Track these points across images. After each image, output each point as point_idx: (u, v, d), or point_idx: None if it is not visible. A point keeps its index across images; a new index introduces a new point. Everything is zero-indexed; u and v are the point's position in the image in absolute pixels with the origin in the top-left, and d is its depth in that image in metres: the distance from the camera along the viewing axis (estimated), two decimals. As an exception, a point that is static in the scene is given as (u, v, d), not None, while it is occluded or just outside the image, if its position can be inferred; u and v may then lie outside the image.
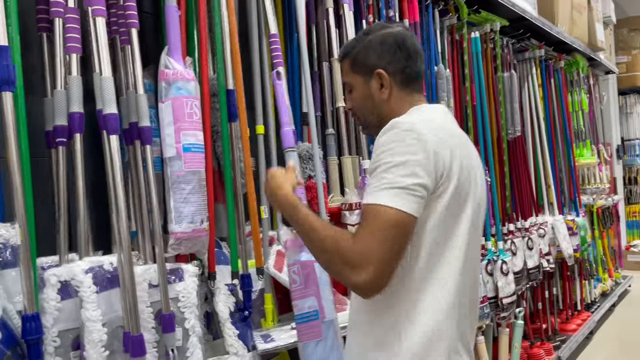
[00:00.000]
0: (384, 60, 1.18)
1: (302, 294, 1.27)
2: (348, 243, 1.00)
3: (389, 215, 0.99)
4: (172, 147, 1.40)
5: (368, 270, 0.97)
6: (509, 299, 2.77)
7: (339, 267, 1.02)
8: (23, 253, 1.08)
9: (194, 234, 1.43)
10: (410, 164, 1.01)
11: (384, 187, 1.00)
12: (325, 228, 1.06)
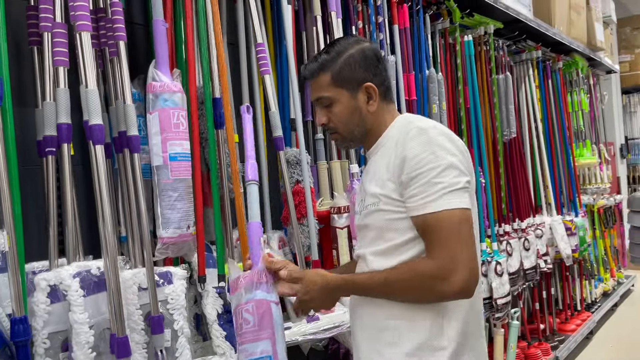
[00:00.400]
0: (370, 74, 1.22)
1: (255, 337, 1.11)
2: (427, 263, 1.06)
3: (458, 216, 1.05)
4: (159, 156, 1.45)
5: (462, 273, 1.03)
6: (503, 299, 2.79)
7: (434, 289, 1.05)
8: (10, 259, 1.14)
9: (180, 238, 1.48)
10: (456, 164, 1.08)
11: (446, 192, 1.05)
12: (391, 272, 1.10)
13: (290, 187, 1.90)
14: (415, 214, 1.09)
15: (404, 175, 1.10)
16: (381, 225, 1.17)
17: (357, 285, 1.15)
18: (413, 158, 1.09)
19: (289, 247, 2.04)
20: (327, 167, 2.10)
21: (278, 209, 2.06)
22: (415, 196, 1.08)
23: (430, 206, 1.06)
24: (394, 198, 1.13)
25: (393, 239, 1.15)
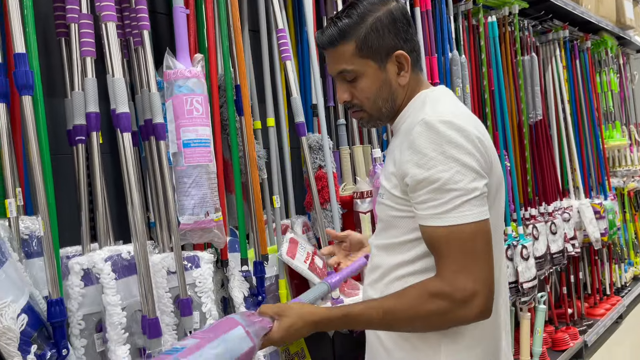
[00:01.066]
0: (400, 40, 1.05)
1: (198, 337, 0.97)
2: (440, 286, 0.91)
3: (474, 230, 0.91)
4: (174, 143, 1.47)
5: (481, 295, 0.91)
6: (529, 283, 2.77)
7: (449, 316, 0.92)
8: (45, 243, 1.18)
9: (196, 225, 1.49)
10: (471, 165, 0.92)
11: (460, 202, 0.91)
12: (393, 300, 0.96)
13: (313, 172, 1.91)
14: (424, 223, 0.95)
15: (410, 177, 0.95)
16: (386, 219, 1.07)
17: (349, 321, 1.00)
18: (420, 159, 0.93)
19: (312, 232, 2.06)
20: (349, 152, 2.10)
21: (301, 195, 2.08)
22: (424, 203, 0.94)
23: (442, 218, 0.92)
24: (396, 195, 1.01)
25: (395, 236, 1.05)
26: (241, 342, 0.94)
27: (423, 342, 1.01)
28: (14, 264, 1.16)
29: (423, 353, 1.02)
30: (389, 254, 1.06)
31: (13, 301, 1.09)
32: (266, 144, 1.90)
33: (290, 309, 1.00)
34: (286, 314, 0.99)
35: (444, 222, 0.92)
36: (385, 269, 1.07)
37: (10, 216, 1.21)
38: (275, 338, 0.98)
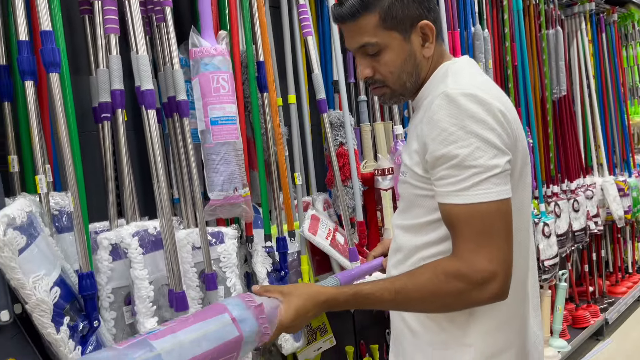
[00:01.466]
0: (424, 9, 1.00)
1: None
2: (457, 266, 0.88)
3: (494, 209, 0.87)
4: (202, 121, 1.49)
5: (498, 277, 0.87)
6: (551, 261, 2.76)
7: (465, 297, 0.89)
8: (75, 218, 1.21)
9: (226, 201, 1.51)
10: (493, 141, 0.88)
11: (480, 179, 0.87)
12: (406, 280, 0.92)
13: (334, 149, 1.91)
14: (441, 201, 0.92)
15: (428, 154, 0.92)
16: (409, 199, 1.03)
17: (359, 300, 0.95)
18: (439, 134, 0.90)
19: (333, 209, 2.07)
20: (370, 129, 2.09)
21: (322, 172, 2.08)
22: (442, 180, 0.91)
23: (460, 196, 0.88)
24: (419, 173, 0.98)
25: (419, 216, 1.01)
26: (225, 329, 0.86)
27: (451, 323, 1.00)
28: (46, 239, 1.19)
29: (450, 334, 1.00)
30: (412, 235, 1.04)
31: (46, 274, 1.12)
32: (287, 121, 1.90)
33: (297, 288, 0.96)
34: (294, 294, 0.94)
35: (462, 200, 0.89)
36: (409, 250, 1.05)
37: (41, 192, 1.23)
38: (285, 322, 0.92)
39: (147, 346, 0.77)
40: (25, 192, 1.25)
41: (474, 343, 0.99)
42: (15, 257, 1.04)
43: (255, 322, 0.88)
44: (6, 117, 1.29)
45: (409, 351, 1.08)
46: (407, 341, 1.08)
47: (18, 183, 1.29)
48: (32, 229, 1.13)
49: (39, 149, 1.25)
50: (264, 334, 0.89)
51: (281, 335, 1.65)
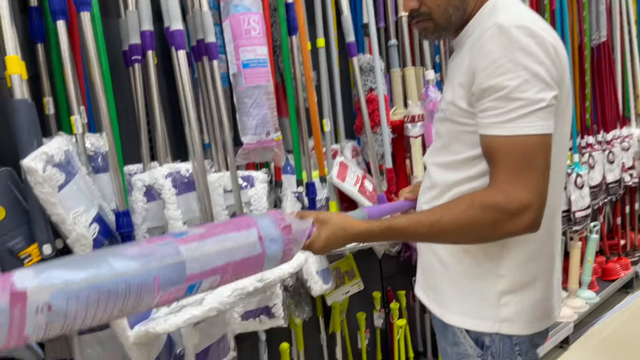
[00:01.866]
0: None
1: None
2: (494, 195, 0.89)
3: (535, 143, 0.88)
4: (234, 64, 1.48)
5: (533, 208, 0.88)
6: (582, 212, 2.71)
7: (499, 226, 0.90)
8: (111, 158, 1.23)
9: (259, 145, 1.52)
10: (542, 75, 0.88)
11: (525, 112, 0.87)
12: (442, 210, 0.93)
13: (364, 95, 1.89)
14: (484, 132, 0.92)
15: (475, 85, 0.92)
16: (449, 136, 1.03)
17: (393, 233, 0.97)
18: (489, 65, 0.89)
19: (362, 157, 2.06)
20: (400, 74, 2.05)
21: (350, 119, 2.06)
22: (487, 111, 0.91)
23: (503, 127, 0.88)
24: (463, 108, 0.97)
25: (458, 152, 1.01)
26: (251, 246, 0.86)
27: (485, 255, 1.01)
28: (84, 177, 1.22)
29: (484, 266, 1.02)
30: (450, 171, 1.04)
31: (85, 211, 1.16)
32: (315, 66, 1.88)
33: (332, 217, 0.97)
34: (328, 222, 0.96)
35: (505, 131, 0.89)
36: (445, 187, 1.05)
37: (77, 132, 1.26)
38: (316, 247, 0.95)
39: (174, 250, 0.78)
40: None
41: (507, 273, 1.01)
42: (55, 192, 1.07)
43: (281, 242, 0.89)
44: (39, 59, 1.30)
45: (440, 283, 1.09)
46: (438, 274, 1.09)
47: (54, 124, 1.32)
48: (70, 167, 1.16)
49: (73, 90, 1.27)
50: (286, 254, 0.91)
51: (311, 277, 1.68)
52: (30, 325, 0.64)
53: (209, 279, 0.82)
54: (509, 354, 1.02)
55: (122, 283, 0.70)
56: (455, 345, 1.06)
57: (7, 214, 1.10)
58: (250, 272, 0.89)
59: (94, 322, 0.69)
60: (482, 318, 1.02)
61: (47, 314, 0.65)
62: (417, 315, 2.38)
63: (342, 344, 2.04)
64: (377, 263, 2.26)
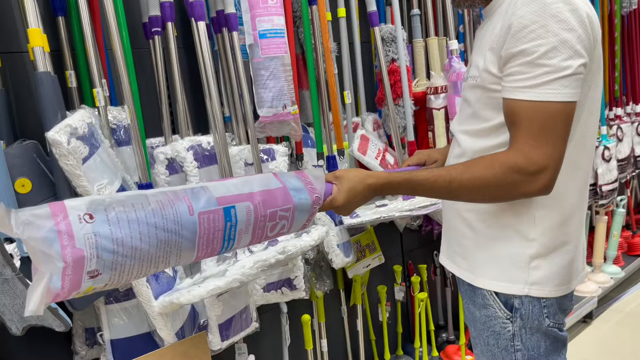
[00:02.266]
0: None
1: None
2: (514, 157, 0.91)
3: (558, 110, 0.89)
4: (250, 34, 1.46)
5: (549, 171, 0.90)
6: (609, 186, 2.65)
7: (515, 186, 0.92)
8: (133, 131, 1.24)
9: (275, 118, 1.51)
10: (571, 42, 0.88)
11: (550, 79, 0.88)
12: (463, 168, 0.95)
13: (386, 66, 1.85)
14: (508, 96, 0.93)
15: (504, 50, 0.92)
16: (479, 103, 1.03)
17: (412, 186, 0.99)
18: (519, 30, 0.90)
19: (383, 129, 2.04)
20: (423, 44, 2.01)
21: (372, 91, 2.03)
22: (512, 75, 0.92)
23: (527, 92, 0.90)
24: (494, 73, 0.97)
25: (489, 119, 1.01)
26: (268, 179, 0.93)
27: (516, 220, 1.02)
28: (107, 150, 1.23)
29: (515, 229, 1.02)
30: (480, 139, 1.04)
31: (109, 183, 1.17)
32: (336, 38, 1.85)
33: (349, 172, 1.00)
34: (346, 177, 0.98)
35: (528, 96, 0.90)
36: (475, 153, 1.05)
37: (99, 105, 1.27)
38: (338, 202, 0.97)
39: (195, 184, 0.86)
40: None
41: (538, 238, 1.01)
42: (79, 165, 1.09)
43: (307, 191, 0.94)
44: (61, 32, 1.30)
45: (469, 248, 1.10)
46: (467, 239, 1.10)
47: (76, 98, 1.33)
48: (93, 139, 1.17)
49: (95, 63, 1.27)
50: (314, 203, 0.94)
51: (332, 250, 1.69)
52: (79, 238, 0.68)
53: (241, 205, 0.86)
54: (537, 316, 1.03)
55: (153, 198, 0.78)
56: (484, 308, 1.08)
57: (34, 186, 1.11)
58: (280, 205, 0.92)
59: (140, 242, 0.74)
60: (512, 281, 1.03)
61: (91, 223, 0.69)
62: (438, 289, 2.38)
63: (363, 316, 2.05)
64: (398, 237, 2.25)
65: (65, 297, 0.70)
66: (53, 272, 0.67)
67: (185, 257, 0.82)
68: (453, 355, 2.17)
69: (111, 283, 0.74)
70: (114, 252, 0.71)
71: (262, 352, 1.79)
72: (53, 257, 0.66)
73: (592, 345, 2.51)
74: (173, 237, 0.78)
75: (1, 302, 1.08)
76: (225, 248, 0.87)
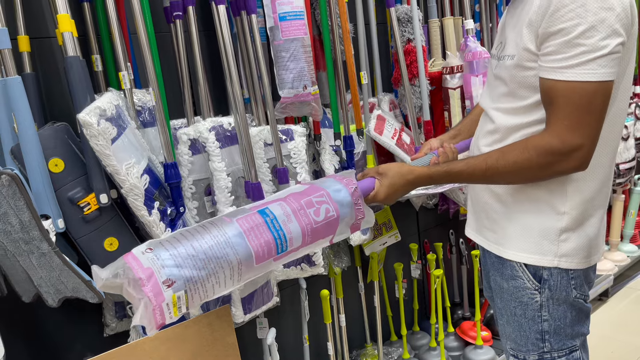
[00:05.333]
0: None
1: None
2: (549, 139, 0.93)
3: (594, 89, 0.90)
4: (270, 17, 1.49)
5: (585, 149, 0.93)
6: (627, 164, 2.65)
7: (551, 167, 0.95)
8: (157, 112, 1.29)
9: (296, 98, 1.54)
10: (610, 21, 0.88)
11: (587, 59, 0.89)
12: (499, 155, 0.99)
13: (402, 46, 1.87)
14: (544, 75, 0.94)
15: (542, 28, 0.93)
16: (514, 82, 1.03)
17: (451, 177, 1.06)
18: (558, 9, 0.90)
19: (399, 110, 2.06)
20: (439, 24, 2.01)
21: (387, 71, 2.05)
22: (550, 55, 0.93)
23: (564, 72, 0.91)
24: (532, 51, 0.97)
25: (526, 97, 1.02)
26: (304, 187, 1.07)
27: (548, 194, 1.05)
28: (133, 131, 1.28)
29: (547, 203, 1.05)
30: (514, 116, 1.06)
31: (136, 162, 1.22)
32: (352, 19, 1.86)
33: (390, 168, 1.08)
34: (387, 174, 1.08)
35: (565, 77, 0.91)
36: (509, 129, 1.07)
37: (125, 87, 1.31)
38: (380, 197, 1.08)
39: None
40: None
41: (569, 211, 1.05)
42: (109, 145, 1.14)
43: (333, 180, 1.08)
44: (86, 17, 1.35)
45: (499, 222, 1.13)
46: (497, 213, 1.13)
47: (103, 81, 1.38)
48: (121, 120, 1.22)
49: (120, 47, 1.31)
50: (347, 184, 1.07)
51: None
52: (144, 262, 0.89)
53: (273, 204, 1.00)
54: (565, 287, 1.08)
55: (200, 225, 0.98)
56: (513, 279, 1.11)
57: (66, 165, 1.17)
58: (312, 194, 1.04)
59: (193, 249, 0.92)
60: (542, 253, 1.07)
61: (152, 252, 0.90)
62: (454, 267, 2.42)
63: (380, 293, 2.10)
64: (414, 215, 2.29)
65: (161, 311, 0.87)
66: (139, 295, 0.86)
67: (243, 254, 0.95)
68: (469, 331, 2.21)
69: (191, 292, 0.90)
70: (175, 262, 0.90)
71: (282, 326, 1.86)
72: (134, 281, 0.87)
73: (608, 323, 2.54)
74: (221, 238, 0.94)
75: (38, 275, 1.14)
76: (279, 239, 0.98)
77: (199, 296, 0.91)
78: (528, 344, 1.13)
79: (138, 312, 0.86)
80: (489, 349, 2.13)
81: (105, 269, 0.89)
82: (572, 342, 1.11)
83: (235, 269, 0.94)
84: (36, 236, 1.07)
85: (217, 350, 1.40)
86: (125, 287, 0.88)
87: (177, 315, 0.89)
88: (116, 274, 0.88)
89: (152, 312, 0.86)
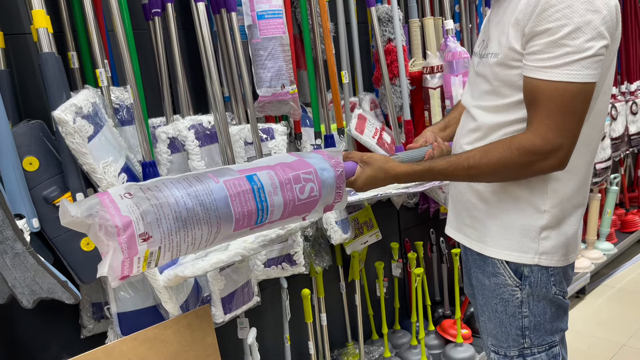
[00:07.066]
0: None
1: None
2: (531, 139, 0.95)
3: (577, 90, 0.91)
4: (249, 15, 1.48)
5: (564, 148, 0.95)
6: (603, 164, 2.70)
7: (532, 166, 0.97)
8: (136, 111, 1.27)
9: (274, 97, 1.54)
10: (595, 23, 0.90)
11: (571, 60, 0.90)
12: (481, 154, 1.00)
13: (382, 46, 1.87)
14: (528, 74, 0.95)
15: (528, 27, 0.93)
16: (498, 80, 1.04)
17: (433, 174, 1.07)
18: (545, 9, 0.91)
19: (380, 109, 2.07)
20: (419, 24, 2.03)
21: (368, 71, 2.06)
22: (535, 54, 0.94)
23: (548, 72, 0.92)
24: (517, 50, 0.98)
25: (508, 95, 1.03)
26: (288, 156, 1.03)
27: (530, 193, 1.06)
28: (110, 129, 1.26)
29: (528, 202, 1.07)
30: (496, 114, 1.06)
31: (113, 161, 1.20)
32: (333, 18, 1.86)
33: (375, 160, 1.07)
34: (371, 164, 1.07)
35: (549, 76, 0.92)
36: (490, 128, 1.08)
37: (102, 85, 1.29)
38: (357, 185, 1.08)
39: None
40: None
41: (549, 210, 1.06)
42: (85, 143, 1.12)
43: (322, 157, 1.05)
44: (62, 13, 1.32)
45: (481, 220, 1.14)
46: (479, 211, 1.14)
47: (79, 78, 1.35)
48: (98, 118, 1.20)
49: (97, 43, 1.29)
50: (334, 166, 1.04)
51: (330, 226, 1.73)
52: (123, 209, 0.80)
53: (262, 172, 0.95)
54: (545, 284, 1.10)
55: (180, 178, 0.89)
56: (494, 276, 1.13)
57: (41, 164, 1.15)
58: (301, 169, 1.00)
59: (177, 205, 0.84)
60: (523, 251, 1.09)
61: (131, 198, 0.81)
62: (434, 266, 2.43)
63: (361, 291, 2.10)
64: (395, 214, 2.30)
65: (131, 264, 0.81)
66: (111, 242, 0.79)
67: (224, 219, 0.89)
68: (449, 329, 2.23)
69: (164, 248, 0.84)
70: (156, 215, 0.82)
71: (263, 326, 1.85)
72: (107, 227, 0.79)
73: (585, 319, 2.58)
74: (206, 199, 0.87)
75: (12, 276, 1.12)
76: (261, 210, 0.94)
77: (170, 254, 0.86)
78: (509, 339, 1.14)
79: (106, 261, 0.79)
80: (469, 347, 2.15)
81: (77, 205, 0.79)
82: (552, 337, 1.13)
83: (212, 233, 0.89)
84: (10, 236, 1.05)
85: (197, 350, 1.38)
86: (94, 229, 0.79)
87: (144, 270, 0.83)
88: (89, 214, 0.78)
89: (120, 263, 0.80)
